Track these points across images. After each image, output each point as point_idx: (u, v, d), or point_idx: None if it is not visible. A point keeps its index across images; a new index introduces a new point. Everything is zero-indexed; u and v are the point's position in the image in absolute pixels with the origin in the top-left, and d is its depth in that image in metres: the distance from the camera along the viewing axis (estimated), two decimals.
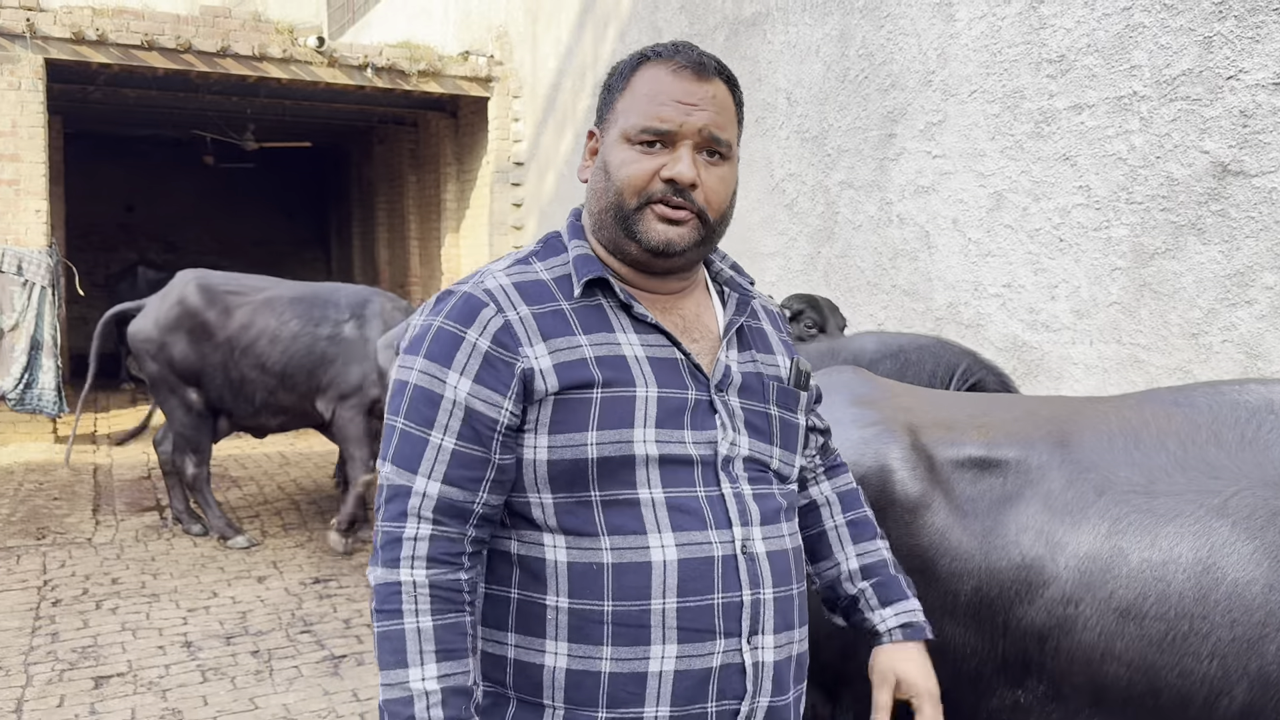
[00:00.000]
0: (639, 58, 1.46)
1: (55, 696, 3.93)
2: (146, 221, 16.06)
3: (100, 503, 7.03)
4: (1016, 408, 2.12)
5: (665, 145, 1.41)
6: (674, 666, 1.35)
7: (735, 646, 1.38)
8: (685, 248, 1.42)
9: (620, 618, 1.35)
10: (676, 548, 1.36)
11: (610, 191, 1.43)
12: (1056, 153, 4.33)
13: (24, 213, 8.74)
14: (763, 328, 1.60)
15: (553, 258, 1.48)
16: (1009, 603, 1.83)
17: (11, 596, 5.07)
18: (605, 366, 1.38)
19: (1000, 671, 1.85)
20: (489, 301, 1.39)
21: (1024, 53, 4.46)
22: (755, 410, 1.49)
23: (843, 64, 5.61)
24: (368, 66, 9.99)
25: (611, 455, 1.35)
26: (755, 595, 1.40)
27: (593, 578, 1.36)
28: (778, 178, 6.24)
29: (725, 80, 1.46)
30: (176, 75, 9.60)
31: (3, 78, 8.64)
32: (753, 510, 1.43)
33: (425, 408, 1.36)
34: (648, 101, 1.41)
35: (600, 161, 1.47)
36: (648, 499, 1.37)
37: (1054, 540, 1.83)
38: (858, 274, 5.56)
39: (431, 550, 1.34)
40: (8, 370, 8.72)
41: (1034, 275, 4.45)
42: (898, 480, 1.91)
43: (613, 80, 1.48)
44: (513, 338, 1.37)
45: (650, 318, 1.43)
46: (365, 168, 14.75)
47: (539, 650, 1.38)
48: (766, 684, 1.41)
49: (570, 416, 1.36)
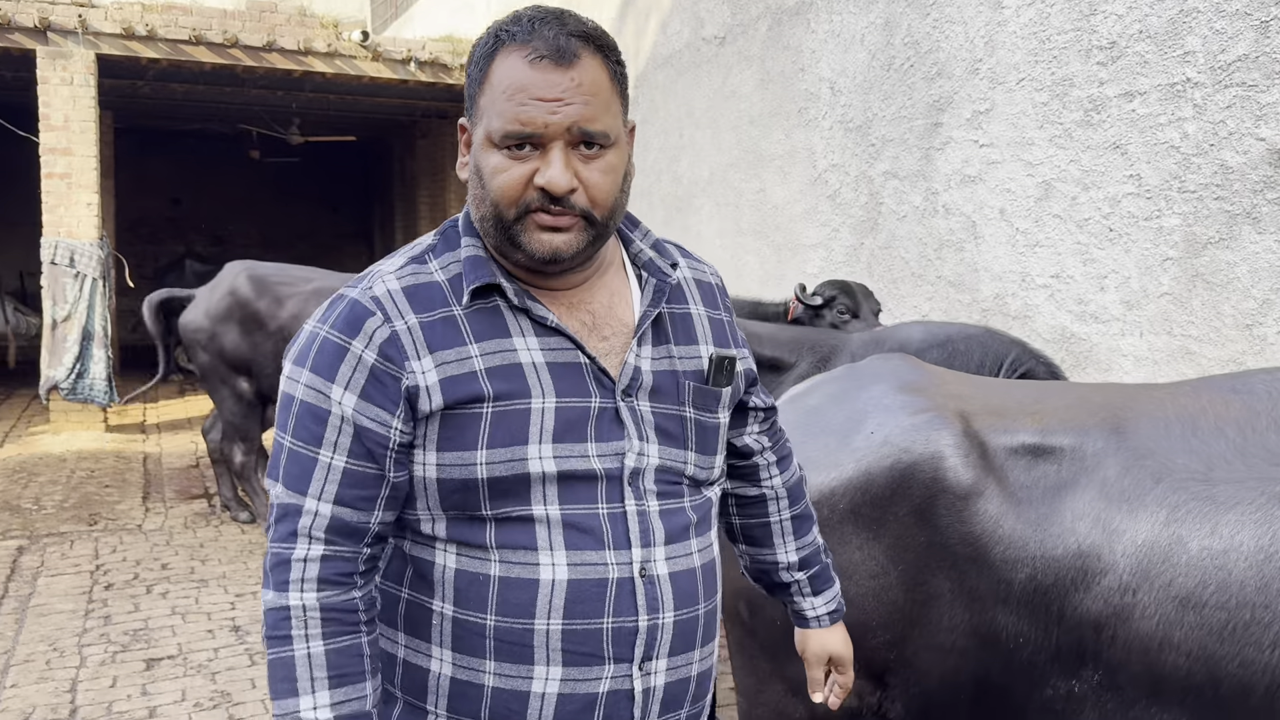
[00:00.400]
0: (493, 40, 1.30)
1: (108, 677, 4.01)
2: (193, 215, 16.27)
3: (150, 490, 7.14)
4: (1069, 395, 2.09)
5: (535, 147, 1.27)
6: (558, 689, 1.29)
7: (625, 672, 1.31)
8: (573, 253, 1.30)
9: (503, 634, 1.29)
10: (568, 567, 1.29)
11: (487, 201, 1.31)
12: (1107, 141, 4.26)
13: (76, 206, 8.89)
14: (689, 312, 1.47)
15: (448, 254, 1.36)
16: (1064, 591, 1.81)
17: (65, 580, 5.17)
18: (497, 378, 1.28)
19: (1054, 660, 1.83)
20: (375, 310, 1.29)
21: (1073, 40, 4.40)
22: (667, 414, 1.38)
23: (888, 53, 5.57)
24: (411, 60, 10.05)
25: (504, 475, 1.27)
26: (652, 620, 1.32)
27: (478, 588, 1.29)
28: (820, 168, 6.20)
29: (595, 50, 1.29)
30: (223, 70, 9.72)
31: (55, 73, 8.79)
32: (656, 529, 1.34)
33: (312, 424, 1.28)
34: (506, 101, 1.26)
35: (473, 165, 1.34)
36: (542, 515, 1.29)
37: (1111, 528, 1.81)
38: (902, 265, 5.51)
39: (323, 571, 1.26)
40: (60, 360, 8.88)
41: (1083, 266, 4.39)
42: (949, 467, 1.89)
43: (471, 69, 1.33)
44: (399, 350, 1.27)
45: (551, 319, 1.33)
46: (408, 161, 14.84)
47: (426, 654, 1.33)
48: (655, 707, 1.35)
49: (458, 434, 1.27)
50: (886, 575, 1.92)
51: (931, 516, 1.89)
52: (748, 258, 7.05)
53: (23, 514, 6.44)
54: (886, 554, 1.92)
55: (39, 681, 3.97)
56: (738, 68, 7.06)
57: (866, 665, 1.96)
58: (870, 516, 1.94)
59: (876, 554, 1.93)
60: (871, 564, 1.93)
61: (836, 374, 2.31)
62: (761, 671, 2.13)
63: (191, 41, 9.10)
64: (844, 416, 2.09)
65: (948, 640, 1.88)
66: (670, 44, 8.00)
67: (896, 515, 1.92)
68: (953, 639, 1.88)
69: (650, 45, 8.28)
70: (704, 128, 7.57)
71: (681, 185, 7.95)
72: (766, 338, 3.77)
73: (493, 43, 1.30)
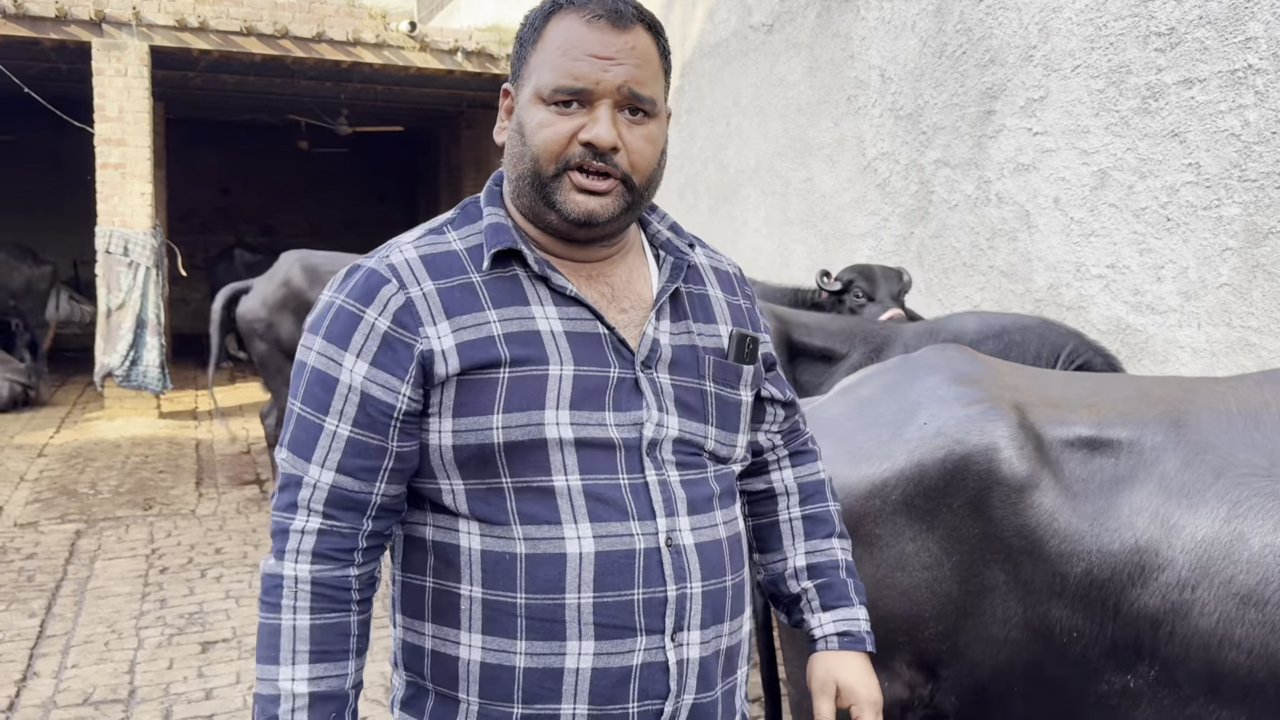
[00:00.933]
0: (551, 4, 1.32)
1: (165, 659, 4.09)
2: (243, 204, 16.49)
3: (203, 476, 7.27)
4: (1127, 387, 2.06)
5: (583, 105, 1.28)
6: (591, 664, 1.27)
7: (658, 644, 1.29)
8: (609, 218, 1.30)
9: (534, 611, 1.27)
10: (594, 539, 1.27)
11: (526, 157, 1.31)
12: (1164, 129, 4.19)
13: (130, 196, 9.04)
14: (706, 293, 1.46)
15: (468, 225, 1.37)
16: (1121, 586, 1.78)
17: (122, 564, 5.27)
18: (515, 344, 1.28)
19: (1109, 655, 1.81)
20: (391, 277, 1.29)
21: (1131, 26, 4.32)
22: (687, 387, 1.37)
23: (940, 39, 5.50)
24: (458, 50, 10.10)
25: (520, 439, 1.26)
26: (681, 590, 1.30)
27: (506, 568, 1.28)
28: (870, 157, 6.15)
29: (648, 28, 1.32)
30: (273, 61, 9.83)
31: (110, 65, 8.94)
32: (679, 499, 1.33)
33: (321, 392, 1.28)
34: (560, 56, 1.28)
35: (515, 123, 1.33)
36: (563, 487, 1.27)
37: (1170, 523, 1.78)
38: (953, 255, 5.45)
39: (318, 545, 1.27)
40: (114, 347, 9.05)
41: (1139, 256, 4.32)
42: (1004, 459, 1.87)
43: (524, 32, 1.34)
44: (413, 316, 1.27)
45: (570, 289, 1.32)
46: (453, 151, 14.92)
47: (454, 642, 1.31)
48: (691, 681, 1.32)
49: (474, 398, 1.26)
50: (940, 567, 1.91)
51: (986, 508, 1.87)
52: (795, 247, 7.01)
53: (80, 498, 6.58)
54: (940, 545, 1.91)
55: (99, 662, 4.06)
56: (786, 55, 7.02)
57: (919, 656, 1.95)
58: (923, 508, 1.92)
59: (930, 545, 1.92)
60: (925, 555, 1.92)
61: (890, 364, 2.29)
62: None
63: (242, 33, 9.21)
64: (897, 407, 2.07)
65: (1001, 633, 1.86)
66: (717, 32, 7.96)
67: (950, 507, 1.90)
68: (1006, 631, 1.86)
69: (697, 33, 8.25)
70: (751, 116, 7.53)
71: (728, 174, 7.92)
72: (816, 328, 3.73)
73: (551, 5, 1.32)
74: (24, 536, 5.73)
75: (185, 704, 3.71)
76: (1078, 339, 3.12)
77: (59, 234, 14.53)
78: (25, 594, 4.81)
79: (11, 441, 8.25)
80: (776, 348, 3.48)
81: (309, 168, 15.93)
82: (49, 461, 7.59)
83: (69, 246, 14.33)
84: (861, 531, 1.98)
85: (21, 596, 4.77)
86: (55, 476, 7.14)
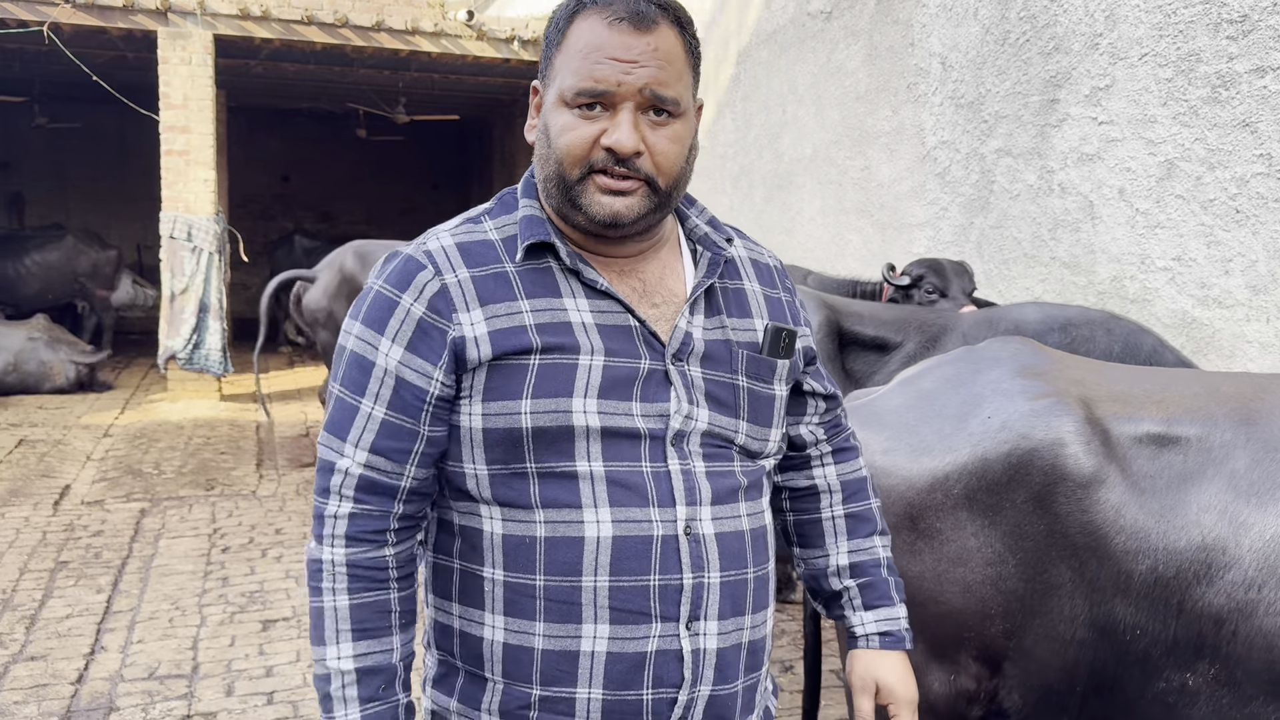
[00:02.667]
0: (575, 4, 1.32)
1: (227, 637, 4.18)
2: (302, 191, 16.71)
3: (263, 457, 7.40)
4: (1196, 383, 2.03)
5: (605, 108, 1.29)
6: (606, 648, 1.29)
7: (673, 632, 1.31)
8: (634, 219, 1.31)
9: (552, 593, 1.30)
10: (612, 524, 1.29)
11: (551, 160, 1.33)
12: (1235, 119, 4.09)
13: (193, 182, 9.21)
14: (743, 287, 1.46)
15: (504, 215, 1.39)
16: (1186, 584, 1.77)
17: (185, 543, 5.40)
18: (546, 333, 1.30)
19: (1170, 653, 1.79)
20: (427, 264, 1.32)
21: (1201, 13, 4.22)
22: (719, 381, 1.38)
23: (1002, 27, 5.42)
24: (514, 39, 10.14)
25: (548, 425, 1.28)
26: (698, 579, 1.31)
27: (526, 551, 1.30)
28: (929, 145, 6.08)
29: (674, 23, 1.32)
30: (333, 49, 9.94)
31: (175, 53, 9.10)
32: (703, 489, 1.33)
33: (358, 374, 1.32)
34: (582, 59, 1.28)
35: (542, 124, 1.35)
36: (586, 472, 1.29)
37: (1238, 521, 1.76)
38: (1014, 245, 5.38)
39: (351, 529, 1.31)
40: (178, 331, 9.24)
41: (1207, 248, 4.23)
42: (1071, 454, 1.86)
43: (549, 31, 1.35)
44: (448, 303, 1.30)
45: (601, 283, 1.34)
46: (507, 140, 14.99)
47: (479, 622, 1.34)
48: (708, 672, 1.33)
49: (505, 383, 1.29)
50: (1004, 563, 1.89)
51: (1051, 504, 1.86)
52: (851, 237, 6.96)
53: (144, 478, 6.74)
54: (1003, 541, 1.90)
55: (163, 638, 4.16)
56: (844, 43, 6.96)
57: (984, 651, 1.94)
58: (986, 503, 1.91)
59: (993, 541, 1.90)
60: (988, 551, 1.91)
61: (952, 356, 2.27)
62: None
63: (304, 22, 9.33)
64: (960, 400, 2.06)
65: (1067, 631, 1.85)
66: (774, 19, 7.91)
67: (1014, 502, 1.89)
68: (1072, 630, 1.84)
69: (754, 21, 8.21)
70: (807, 104, 7.48)
71: (783, 163, 7.88)
72: (869, 317, 3.67)
73: (574, 6, 1.32)
74: (91, 514, 5.88)
75: (246, 680, 3.79)
76: (1155, 338, 3.01)
77: (124, 219, 14.86)
78: (93, 570, 4.94)
79: (79, 422, 8.47)
80: (827, 336, 3.44)
81: (366, 155, 16.10)
82: (114, 442, 7.78)
83: (134, 232, 14.66)
84: (922, 524, 1.97)
85: (89, 573, 4.90)
86: (121, 456, 7.31)
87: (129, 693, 3.69)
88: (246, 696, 3.67)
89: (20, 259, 11.60)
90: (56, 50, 9.12)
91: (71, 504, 6.09)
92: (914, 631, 1.70)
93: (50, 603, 4.52)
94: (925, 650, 1.98)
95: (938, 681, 1.98)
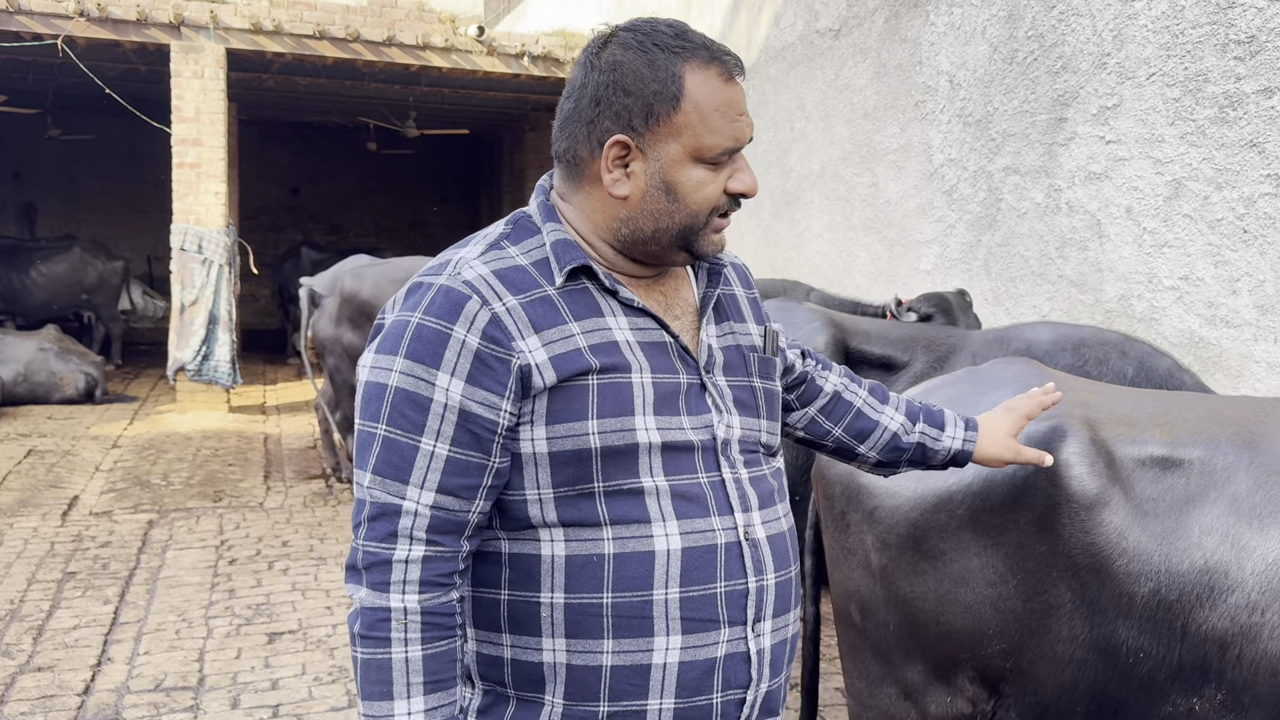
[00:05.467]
0: (673, 58, 1.32)
1: (233, 649, 4.19)
2: (311, 204, 16.80)
3: (270, 470, 7.42)
4: (1200, 406, 2.03)
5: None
6: (679, 658, 1.32)
7: (740, 635, 1.36)
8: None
9: (621, 610, 1.31)
10: (680, 536, 1.33)
11: (679, 214, 1.36)
12: (1242, 139, 4.10)
13: (204, 194, 9.27)
14: (734, 292, 1.56)
15: (527, 239, 1.39)
16: (1189, 607, 1.77)
17: (192, 554, 5.41)
18: (600, 353, 1.32)
19: (1175, 677, 1.79)
20: (471, 294, 1.29)
21: (1209, 34, 4.24)
22: (740, 386, 1.46)
23: (1010, 45, 5.44)
24: (524, 55, 10.20)
25: (616, 445, 1.30)
26: (760, 582, 1.38)
27: (592, 570, 1.31)
28: (937, 163, 6.10)
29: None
30: (344, 64, 10.01)
31: (188, 67, 9.17)
32: (752, 495, 1.41)
33: (412, 412, 1.27)
34: (720, 118, 1.33)
35: (657, 181, 1.34)
36: (651, 487, 1.32)
37: (1240, 544, 1.76)
38: (1021, 263, 5.39)
39: (425, 574, 1.27)
40: (187, 342, 9.28)
41: (1214, 268, 4.23)
42: (1074, 476, 1.86)
43: (652, 85, 1.32)
44: (504, 332, 1.28)
45: (637, 301, 1.38)
46: (517, 154, 15.05)
47: (536, 649, 1.33)
48: (766, 670, 1.39)
49: (568, 405, 1.30)
50: (1005, 584, 1.90)
51: (1054, 525, 1.86)
52: (858, 253, 6.97)
53: (152, 489, 6.77)
54: (1005, 562, 1.90)
55: (170, 650, 4.17)
56: (852, 60, 6.98)
57: (982, 672, 1.94)
58: (990, 524, 1.92)
59: (995, 562, 1.91)
60: (990, 571, 1.91)
61: (956, 377, 2.28)
62: (872, 675, 2.12)
63: (315, 36, 9.40)
64: None
65: (1066, 651, 1.85)
66: (783, 36, 7.94)
67: (1017, 523, 1.89)
68: (1071, 650, 1.85)
69: (763, 38, 8.24)
70: (815, 121, 7.50)
71: (790, 179, 7.90)
72: (876, 335, 3.63)
73: (675, 60, 1.32)
74: (99, 525, 5.90)
75: (252, 693, 3.80)
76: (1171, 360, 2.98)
77: (135, 230, 14.95)
78: (100, 581, 4.96)
79: (88, 432, 8.50)
80: (833, 355, 3.41)
81: (376, 169, 16.18)
82: (123, 453, 7.81)
83: (144, 243, 14.74)
84: (926, 545, 1.98)
85: (97, 584, 4.92)
86: (129, 467, 7.34)
87: (135, 704, 3.70)
88: (252, 709, 3.68)
89: (27, 270, 11.68)
90: (70, 63, 9.20)
91: (79, 515, 6.11)
92: (914, 652, 1.72)
93: (58, 613, 4.53)
94: (925, 671, 1.98)
95: (935, 703, 1.98)
